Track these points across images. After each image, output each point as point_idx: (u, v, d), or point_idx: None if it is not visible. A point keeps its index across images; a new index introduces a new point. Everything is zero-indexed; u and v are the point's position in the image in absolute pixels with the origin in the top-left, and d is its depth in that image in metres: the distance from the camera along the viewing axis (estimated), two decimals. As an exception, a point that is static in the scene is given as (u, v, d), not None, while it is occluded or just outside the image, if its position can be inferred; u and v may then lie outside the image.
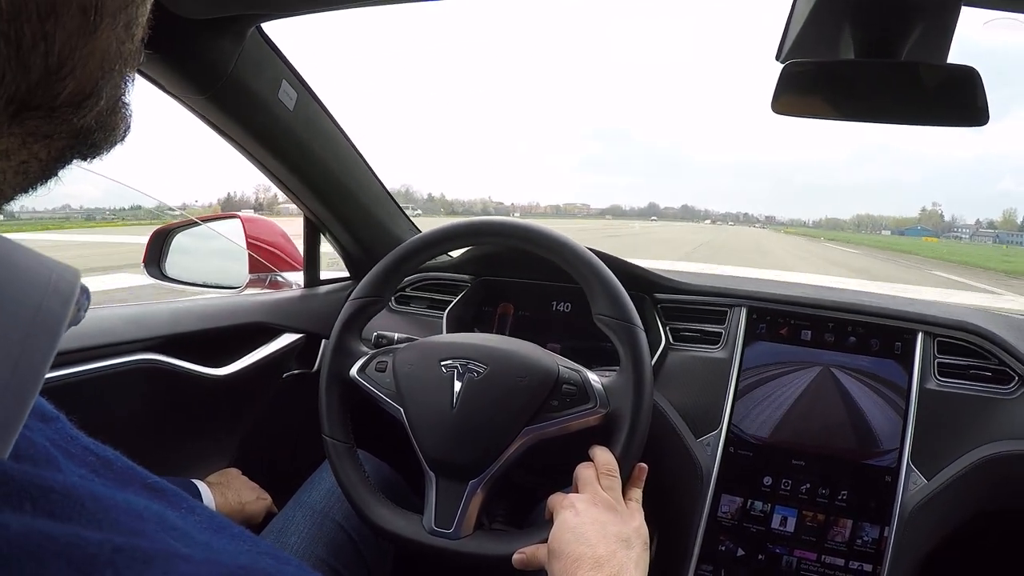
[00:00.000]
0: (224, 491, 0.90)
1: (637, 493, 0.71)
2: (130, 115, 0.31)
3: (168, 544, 0.23)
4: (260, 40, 0.86)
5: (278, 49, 0.90)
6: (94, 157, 0.30)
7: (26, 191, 0.27)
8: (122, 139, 0.31)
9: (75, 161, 0.29)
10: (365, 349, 0.85)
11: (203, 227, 1.31)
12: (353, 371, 0.83)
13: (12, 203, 0.27)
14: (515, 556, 0.68)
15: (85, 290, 0.27)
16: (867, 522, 0.95)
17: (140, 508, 0.24)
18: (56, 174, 0.28)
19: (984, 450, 0.91)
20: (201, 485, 0.86)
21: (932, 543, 0.93)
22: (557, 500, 0.66)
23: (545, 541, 0.63)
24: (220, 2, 0.73)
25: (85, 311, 0.27)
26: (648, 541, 0.63)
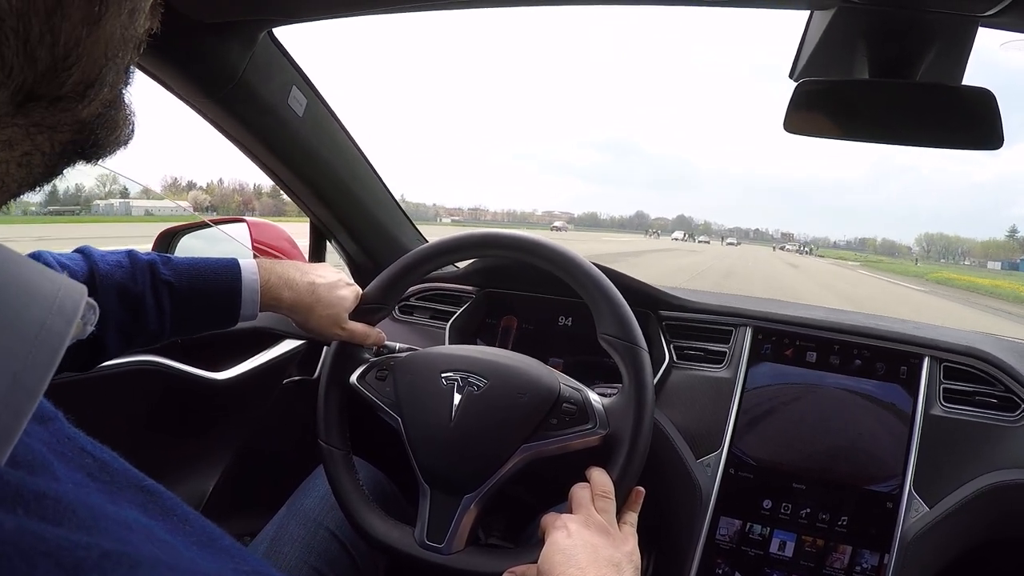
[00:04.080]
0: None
1: (632, 517, 0.70)
2: (133, 116, 0.31)
3: (154, 553, 0.23)
4: (271, 45, 0.87)
5: (289, 55, 0.90)
6: (98, 157, 0.30)
7: (31, 187, 0.27)
8: (126, 141, 0.31)
9: (80, 163, 0.29)
10: (367, 356, 0.85)
11: (210, 230, 1.32)
12: (353, 378, 0.82)
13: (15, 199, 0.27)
14: (504, 575, 0.67)
15: (92, 306, 0.27)
16: (867, 549, 0.93)
17: (130, 520, 0.24)
18: (60, 171, 0.29)
19: (988, 478, 0.90)
20: (246, 262, 0.75)
21: (933, 572, 0.91)
22: (550, 520, 0.65)
23: (536, 561, 0.63)
24: (231, 6, 0.73)
25: (92, 325, 0.27)
26: (640, 566, 0.62)
